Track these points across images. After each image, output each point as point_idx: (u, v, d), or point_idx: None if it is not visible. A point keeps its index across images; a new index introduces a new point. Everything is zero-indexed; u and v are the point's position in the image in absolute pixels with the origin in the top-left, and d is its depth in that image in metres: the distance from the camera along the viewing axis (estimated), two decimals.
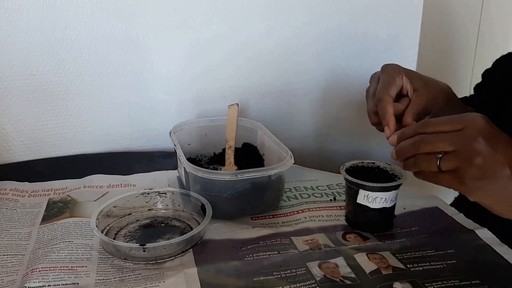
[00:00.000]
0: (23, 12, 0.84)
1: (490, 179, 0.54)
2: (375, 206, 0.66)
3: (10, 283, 0.57)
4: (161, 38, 0.93)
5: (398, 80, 0.70)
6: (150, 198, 0.74)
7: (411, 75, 0.72)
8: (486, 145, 0.53)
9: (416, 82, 0.72)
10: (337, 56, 1.06)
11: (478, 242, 0.65)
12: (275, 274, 0.58)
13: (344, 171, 0.69)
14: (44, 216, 0.72)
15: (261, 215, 0.73)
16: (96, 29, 0.89)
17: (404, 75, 0.71)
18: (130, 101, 0.96)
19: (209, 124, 0.90)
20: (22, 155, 0.93)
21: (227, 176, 0.70)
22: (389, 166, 0.70)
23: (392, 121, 0.66)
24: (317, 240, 0.66)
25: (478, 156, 0.53)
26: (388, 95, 0.68)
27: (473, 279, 0.57)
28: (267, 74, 1.03)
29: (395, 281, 0.57)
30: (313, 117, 1.09)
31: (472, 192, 0.55)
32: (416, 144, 0.57)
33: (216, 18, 0.95)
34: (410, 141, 0.58)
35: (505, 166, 0.53)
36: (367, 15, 1.05)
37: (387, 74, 0.71)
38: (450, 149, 0.54)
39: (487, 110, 0.82)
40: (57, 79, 0.90)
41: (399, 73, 0.71)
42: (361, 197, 0.67)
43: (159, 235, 0.67)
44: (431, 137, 0.56)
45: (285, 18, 1.00)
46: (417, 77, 0.73)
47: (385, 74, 0.72)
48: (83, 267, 0.60)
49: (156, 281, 0.57)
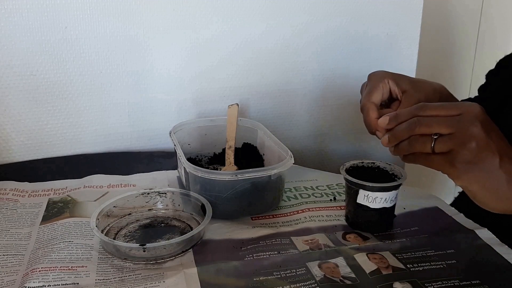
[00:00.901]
0: (23, 12, 0.84)
1: (480, 164, 0.55)
2: (375, 206, 0.66)
3: (10, 283, 0.57)
4: (161, 38, 0.94)
5: (382, 85, 0.71)
6: (150, 198, 0.74)
7: (398, 78, 0.73)
8: (482, 131, 0.55)
9: (404, 84, 0.72)
10: (337, 56, 1.06)
11: (478, 242, 0.65)
12: (275, 274, 0.58)
13: (344, 171, 0.69)
14: (44, 216, 0.72)
15: (261, 215, 0.73)
16: (96, 29, 0.89)
17: (389, 79, 0.71)
18: (130, 101, 0.96)
19: (209, 124, 0.90)
20: (22, 155, 0.93)
21: (227, 176, 0.70)
22: (389, 166, 0.70)
23: (373, 125, 0.66)
24: (317, 240, 0.66)
25: (473, 140, 0.54)
26: (370, 101, 0.69)
27: (473, 279, 0.57)
28: (267, 74, 1.03)
29: (395, 281, 0.57)
30: (313, 117, 1.09)
31: (460, 175, 0.56)
32: (412, 125, 0.58)
33: (216, 18, 0.95)
34: (406, 124, 0.59)
35: (496, 155, 0.55)
36: (367, 15, 1.05)
37: (371, 82, 0.72)
38: (447, 131, 0.55)
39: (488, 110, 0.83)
40: (57, 79, 0.90)
41: (383, 78, 0.71)
42: (361, 197, 0.67)
43: (159, 235, 0.67)
44: (428, 119, 0.57)
45: (285, 18, 1.00)
46: (405, 80, 0.73)
47: (369, 82, 0.73)
48: (83, 267, 0.60)
49: (156, 281, 0.57)
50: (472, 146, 0.54)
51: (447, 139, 0.55)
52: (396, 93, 0.72)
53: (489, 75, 0.91)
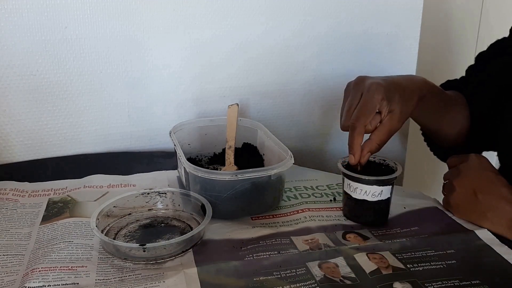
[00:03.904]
0: (23, 12, 0.84)
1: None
2: (356, 197, 0.69)
3: (10, 283, 0.57)
4: (161, 38, 0.93)
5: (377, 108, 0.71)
6: (150, 198, 0.74)
7: (391, 96, 0.71)
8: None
9: (394, 104, 0.71)
10: (337, 56, 1.06)
11: (478, 242, 0.65)
12: (275, 274, 0.58)
13: (341, 164, 0.71)
14: (44, 216, 0.72)
15: (261, 215, 0.73)
16: (96, 29, 0.89)
17: (385, 100, 0.71)
18: (130, 101, 0.96)
19: (209, 124, 0.90)
20: (22, 155, 0.93)
21: (227, 176, 0.70)
22: (391, 163, 0.72)
23: (358, 152, 0.69)
24: (317, 239, 0.66)
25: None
26: (362, 126, 0.69)
27: (473, 279, 0.57)
28: (267, 74, 1.03)
29: (395, 281, 0.57)
30: (313, 117, 1.09)
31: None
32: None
33: (216, 18, 0.95)
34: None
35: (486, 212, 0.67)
36: (367, 15, 1.05)
37: (369, 100, 0.70)
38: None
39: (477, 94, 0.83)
40: (57, 79, 0.90)
41: (381, 101, 0.70)
42: (345, 185, 0.71)
43: (159, 235, 0.67)
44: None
45: (285, 18, 1.00)
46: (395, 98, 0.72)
47: (367, 98, 0.70)
48: (83, 267, 0.60)
49: (156, 281, 0.57)
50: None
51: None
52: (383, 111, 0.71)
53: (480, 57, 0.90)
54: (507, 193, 0.66)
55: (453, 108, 0.85)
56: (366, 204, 0.68)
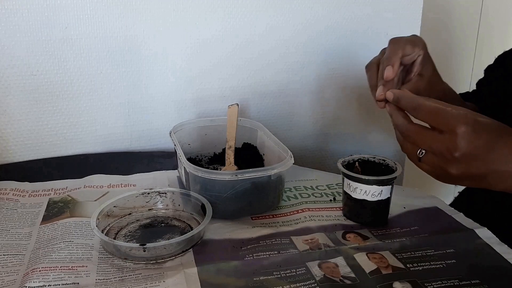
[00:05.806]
0: (23, 12, 0.84)
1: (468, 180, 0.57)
2: (356, 196, 0.69)
3: (11, 283, 0.57)
4: (161, 38, 0.94)
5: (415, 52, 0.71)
6: (150, 198, 0.74)
7: (426, 61, 0.72)
8: (467, 153, 0.54)
9: (426, 69, 0.72)
10: (337, 56, 1.06)
11: (478, 241, 0.65)
12: (275, 274, 0.58)
13: (341, 162, 0.71)
14: (44, 216, 0.72)
15: (261, 215, 0.73)
16: (96, 29, 0.89)
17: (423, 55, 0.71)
18: (130, 101, 0.96)
19: (209, 124, 0.90)
20: (22, 155, 0.93)
21: (227, 176, 0.70)
22: (391, 162, 0.72)
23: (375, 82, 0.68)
24: (317, 239, 0.66)
25: (454, 164, 0.55)
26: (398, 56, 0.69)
27: (473, 279, 0.57)
28: (267, 74, 1.03)
29: (395, 281, 0.57)
30: (313, 117, 1.09)
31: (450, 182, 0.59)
32: (403, 134, 0.60)
33: (216, 18, 0.96)
34: (400, 128, 0.61)
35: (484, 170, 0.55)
36: (367, 15, 1.05)
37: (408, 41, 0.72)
38: (431, 151, 0.57)
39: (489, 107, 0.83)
40: (57, 79, 0.90)
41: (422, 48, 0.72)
42: (345, 185, 0.70)
43: (159, 235, 0.67)
44: (415, 137, 0.59)
45: (286, 18, 1.00)
46: (429, 67, 0.73)
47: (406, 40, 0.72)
48: (83, 267, 0.60)
49: (156, 281, 0.57)
50: (455, 168, 0.56)
51: (432, 157, 0.57)
52: (415, 65, 0.72)
53: (488, 70, 0.91)
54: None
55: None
56: (366, 204, 0.69)
